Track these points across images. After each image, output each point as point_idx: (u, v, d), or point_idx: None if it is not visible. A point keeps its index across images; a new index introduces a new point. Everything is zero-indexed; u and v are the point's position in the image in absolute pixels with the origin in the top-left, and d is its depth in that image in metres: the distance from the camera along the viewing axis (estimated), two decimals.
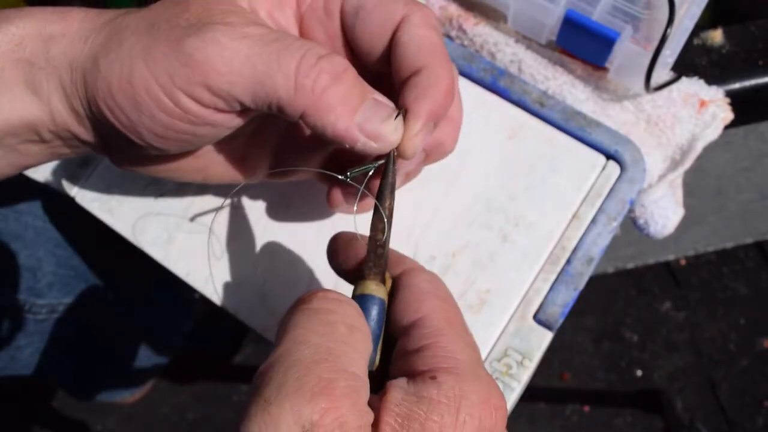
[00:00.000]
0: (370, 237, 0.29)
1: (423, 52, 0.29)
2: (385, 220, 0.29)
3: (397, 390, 0.24)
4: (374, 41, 0.30)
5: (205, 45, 0.26)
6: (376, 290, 0.29)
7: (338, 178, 0.30)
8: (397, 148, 0.29)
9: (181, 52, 0.27)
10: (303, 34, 0.31)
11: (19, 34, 0.29)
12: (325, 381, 0.22)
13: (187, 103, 0.28)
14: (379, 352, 0.28)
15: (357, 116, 0.27)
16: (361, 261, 0.30)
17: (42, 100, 0.29)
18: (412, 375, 0.25)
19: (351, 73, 0.28)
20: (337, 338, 0.24)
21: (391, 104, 0.29)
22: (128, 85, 0.27)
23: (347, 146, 0.28)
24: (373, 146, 0.28)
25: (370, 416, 0.23)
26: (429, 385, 0.24)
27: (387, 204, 0.29)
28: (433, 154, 0.34)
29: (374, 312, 0.28)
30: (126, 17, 0.29)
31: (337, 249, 0.32)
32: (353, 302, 0.27)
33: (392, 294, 0.29)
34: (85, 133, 0.30)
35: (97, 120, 0.29)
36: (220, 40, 0.27)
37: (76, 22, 0.29)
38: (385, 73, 0.31)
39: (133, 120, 0.28)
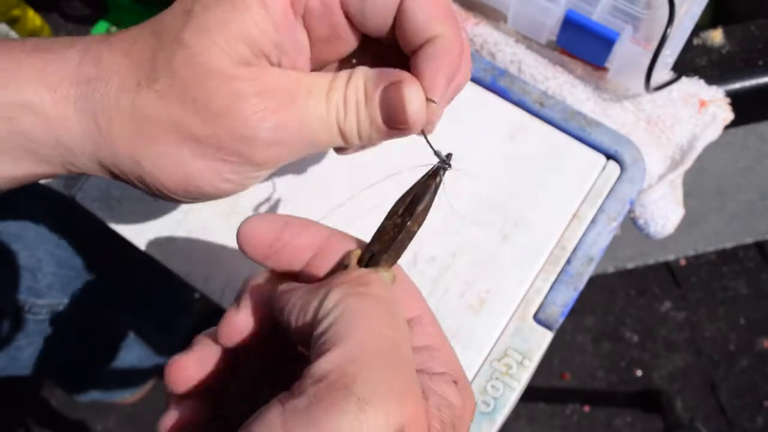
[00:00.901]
0: (401, 225, 0.28)
1: (433, 20, 0.28)
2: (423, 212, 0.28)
3: (430, 393, 0.25)
4: (383, 17, 0.29)
5: (266, 149, 0.28)
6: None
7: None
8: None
9: (244, 158, 0.28)
10: (308, 32, 0.30)
11: (5, 103, 0.27)
12: (407, 380, 0.22)
13: (251, 181, 0.30)
14: None
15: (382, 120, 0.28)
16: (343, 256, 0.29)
17: (54, 167, 0.29)
18: (426, 372, 0.26)
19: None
20: (403, 332, 0.24)
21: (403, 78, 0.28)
22: (188, 183, 0.28)
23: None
24: (407, 134, 0.29)
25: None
26: (452, 389, 0.25)
27: (429, 199, 0.28)
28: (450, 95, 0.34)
29: None
30: (136, 103, 0.27)
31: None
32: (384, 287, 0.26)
33: None
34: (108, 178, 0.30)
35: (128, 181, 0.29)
36: (276, 138, 0.27)
37: (70, 104, 0.27)
38: (395, 41, 0.31)
39: (194, 198, 0.29)
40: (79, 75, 0.27)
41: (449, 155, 0.29)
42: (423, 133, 0.29)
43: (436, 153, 0.29)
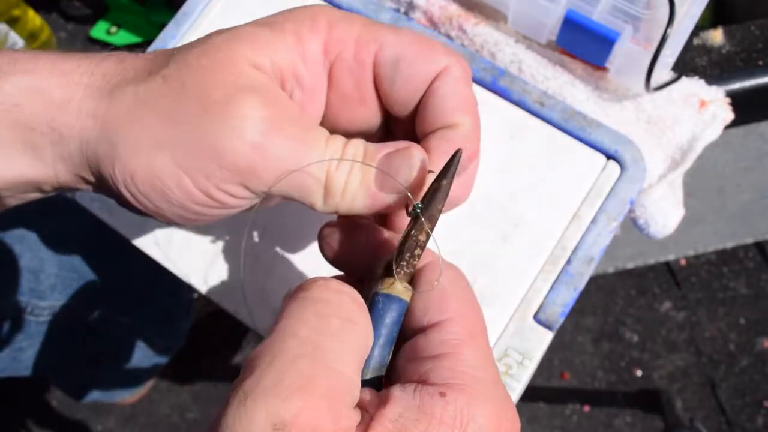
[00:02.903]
0: (409, 236, 0.27)
1: (461, 109, 0.28)
2: (434, 223, 0.27)
3: (399, 403, 0.23)
4: (412, 93, 0.29)
5: (248, 152, 0.25)
6: (404, 293, 0.27)
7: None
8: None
9: (219, 155, 0.25)
10: (332, 82, 0.29)
11: (14, 93, 0.26)
12: (304, 378, 0.22)
13: (222, 197, 0.27)
14: (390, 354, 0.27)
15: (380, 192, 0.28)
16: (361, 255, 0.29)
17: (45, 164, 0.27)
18: (422, 383, 0.24)
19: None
20: (328, 332, 0.23)
21: (401, 146, 0.28)
22: (156, 179, 0.26)
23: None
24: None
25: (350, 419, 0.22)
26: (436, 401, 0.23)
27: (440, 207, 0.27)
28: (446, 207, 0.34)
29: (396, 314, 0.27)
30: (140, 88, 0.26)
31: (331, 236, 0.31)
32: (354, 293, 0.26)
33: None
34: (93, 192, 0.29)
35: (111, 192, 0.28)
36: (263, 145, 0.25)
37: (80, 88, 0.27)
38: (403, 118, 0.30)
39: (159, 206, 0.27)
40: (97, 68, 0.27)
41: (458, 154, 0.27)
42: (410, 199, 0.28)
43: (415, 206, 0.27)
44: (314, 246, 0.43)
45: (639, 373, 1.33)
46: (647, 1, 0.40)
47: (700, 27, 0.45)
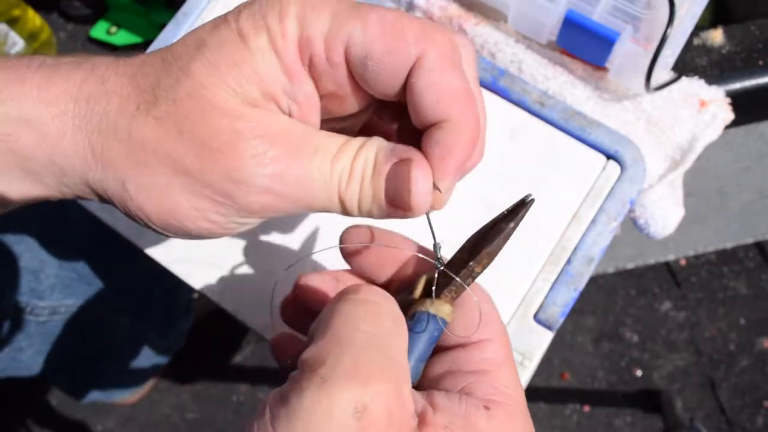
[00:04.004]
0: (463, 263, 0.28)
1: (442, 102, 0.26)
2: (491, 259, 0.29)
3: (448, 410, 0.25)
4: (389, 87, 0.27)
5: (259, 196, 0.26)
6: (448, 315, 0.28)
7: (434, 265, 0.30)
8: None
9: (232, 199, 0.26)
10: (314, 83, 0.29)
11: (3, 123, 0.26)
12: (378, 365, 0.23)
13: (236, 226, 0.28)
14: (423, 368, 0.29)
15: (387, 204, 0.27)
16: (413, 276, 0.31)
17: (48, 188, 0.28)
18: (464, 393, 0.26)
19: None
20: (385, 329, 0.25)
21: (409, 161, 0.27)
22: (172, 219, 0.27)
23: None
24: (411, 216, 0.28)
25: (413, 407, 0.24)
26: (481, 413, 0.25)
27: (500, 247, 0.28)
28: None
29: (438, 333, 0.28)
30: (132, 127, 0.26)
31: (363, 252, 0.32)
32: (392, 298, 0.27)
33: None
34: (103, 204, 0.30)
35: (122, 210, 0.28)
36: (272, 188, 0.26)
37: (68, 118, 0.26)
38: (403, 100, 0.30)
39: (176, 235, 0.28)
40: (80, 93, 0.27)
41: (530, 199, 0.28)
42: (427, 215, 0.29)
43: (434, 237, 0.29)
44: (314, 245, 0.42)
45: (639, 373, 1.33)
46: (647, 1, 0.40)
47: (700, 27, 0.45)
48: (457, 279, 0.28)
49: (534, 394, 1.30)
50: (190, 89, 0.26)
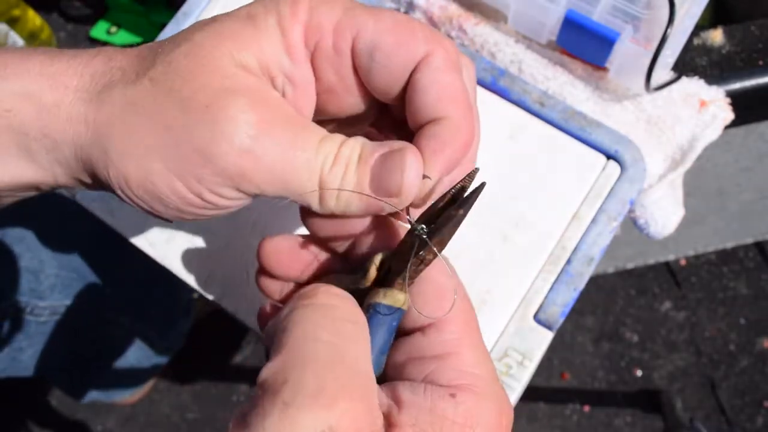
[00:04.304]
0: (416, 252, 0.27)
1: (443, 101, 0.26)
2: (443, 246, 0.27)
3: (413, 406, 0.24)
4: (392, 83, 0.27)
5: (238, 157, 0.25)
6: (404, 303, 0.27)
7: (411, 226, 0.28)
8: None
9: (209, 160, 0.25)
10: (314, 73, 0.29)
11: (4, 99, 0.26)
12: (342, 383, 0.22)
13: (214, 199, 0.27)
14: (386, 359, 0.28)
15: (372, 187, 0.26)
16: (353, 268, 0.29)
17: (42, 167, 0.27)
18: (429, 383, 0.25)
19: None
20: (346, 336, 0.24)
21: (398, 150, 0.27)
22: (149, 183, 0.26)
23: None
24: (397, 204, 0.27)
25: (380, 418, 0.23)
26: (447, 403, 0.24)
27: (451, 234, 0.27)
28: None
29: (396, 323, 0.27)
30: (128, 90, 0.26)
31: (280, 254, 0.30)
32: (350, 297, 0.26)
33: None
34: (93, 190, 0.29)
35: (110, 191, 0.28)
36: (252, 149, 0.25)
37: (69, 91, 0.26)
38: (399, 107, 0.29)
39: (155, 207, 0.27)
40: (86, 68, 0.27)
41: (476, 170, 0.27)
42: (407, 211, 0.27)
43: (416, 229, 0.27)
44: None
45: (639, 373, 1.33)
46: (647, 1, 0.40)
47: (700, 27, 0.45)
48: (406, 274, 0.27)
49: (534, 394, 1.30)
50: (187, 50, 0.26)
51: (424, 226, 0.26)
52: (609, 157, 0.42)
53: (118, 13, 0.81)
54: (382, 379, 0.27)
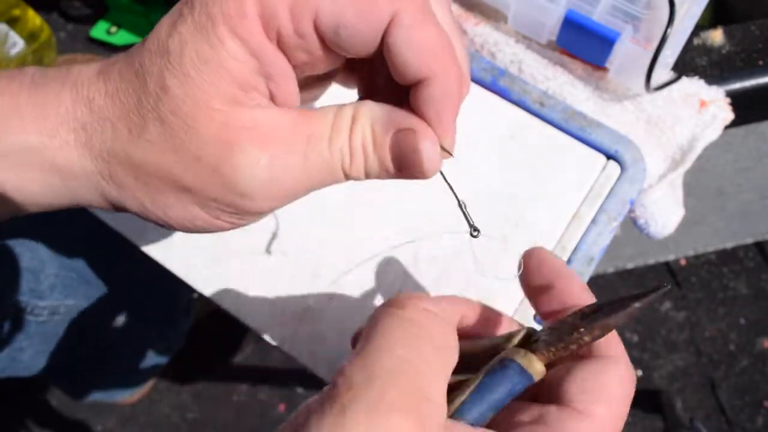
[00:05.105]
0: (575, 330, 0.25)
1: (425, 59, 0.25)
2: (605, 332, 0.25)
3: None
4: (363, 50, 0.27)
5: (263, 201, 0.27)
6: (539, 374, 0.25)
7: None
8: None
9: (239, 207, 0.27)
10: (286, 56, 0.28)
11: (11, 152, 0.27)
12: (403, 398, 0.22)
13: (249, 218, 0.29)
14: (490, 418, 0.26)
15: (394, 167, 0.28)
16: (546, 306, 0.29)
17: (69, 200, 0.29)
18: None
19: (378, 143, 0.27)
20: (423, 356, 0.24)
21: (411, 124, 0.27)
22: (189, 224, 0.28)
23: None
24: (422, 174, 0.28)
25: None
26: None
27: (617, 323, 0.25)
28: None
29: (518, 387, 0.25)
30: (130, 152, 0.27)
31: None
32: (445, 317, 0.26)
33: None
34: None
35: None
36: (272, 187, 0.27)
37: (71, 148, 0.27)
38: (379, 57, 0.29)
39: (195, 232, 0.30)
40: (75, 120, 0.27)
41: (665, 285, 0.25)
42: (442, 174, 0.28)
43: (451, 188, 0.28)
44: (314, 245, 0.42)
45: (639, 373, 1.33)
46: (647, 1, 0.40)
47: (700, 27, 0.45)
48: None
49: None
50: (172, 107, 0.26)
51: (474, 227, 0.28)
52: (609, 157, 0.42)
53: (118, 13, 0.81)
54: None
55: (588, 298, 0.29)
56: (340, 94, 0.32)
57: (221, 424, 1.32)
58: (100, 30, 0.79)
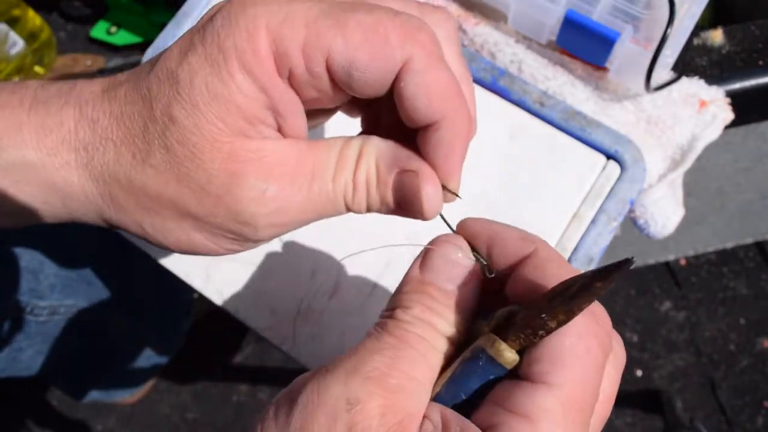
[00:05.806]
0: (539, 316, 0.24)
1: (435, 103, 0.26)
2: (570, 318, 0.24)
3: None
4: (375, 91, 0.27)
5: (267, 229, 0.27)
6: (510, 363, 0.24)
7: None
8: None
9: (241, 236, 0.28)
10: (296, 92, 0.28)
11: (9, 170, 0.28)
12: (380, 371, 0.23)
13: (251, 245, 0.29)
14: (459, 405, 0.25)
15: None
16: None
17: (71, 217, 0.30)
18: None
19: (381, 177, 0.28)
20: (407, 344, 0.24)
21: (416, 166, 0.27)
22: (191, 249, 0.29)
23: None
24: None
25: (414, 421, 0.22)
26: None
27: (582, 306, 0.24)
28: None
29: (490, 377, 0.24)
30: (132, 176, 0.27)
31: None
32: (435, 331, 0.25)
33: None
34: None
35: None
36: (277, 217, 0.27)
37: (72, 168, 0.28)
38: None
39: (190, 254, 0.30)
40: (77, 140, 0.27)
41: (630, 261, 0.23)
42: (442, 216, 0.29)
43: (451, 228, 0.28)
44: (314, 245, 0.42)
45: (639, 373, 1.33)
46: (647, 1, 0.40)
47: (700, 27, 0.45)
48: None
49: None
50: (178, 136, 0.26)
51: (485, 262, 0.27)
52: (609, 157, 0.42)
53: (118, 13, 0.81)
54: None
55: (525, 247, 0.27)
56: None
57: (221, 424, 1.33)
58: (100, 30, 0.79)
